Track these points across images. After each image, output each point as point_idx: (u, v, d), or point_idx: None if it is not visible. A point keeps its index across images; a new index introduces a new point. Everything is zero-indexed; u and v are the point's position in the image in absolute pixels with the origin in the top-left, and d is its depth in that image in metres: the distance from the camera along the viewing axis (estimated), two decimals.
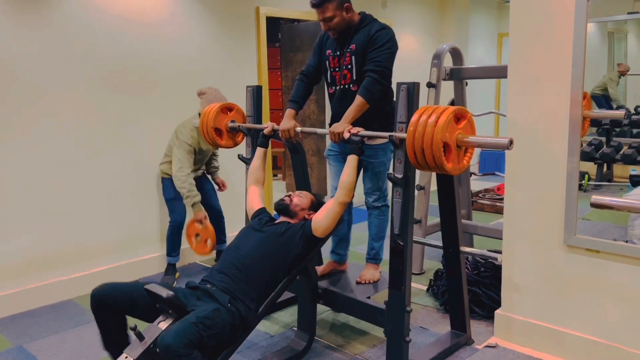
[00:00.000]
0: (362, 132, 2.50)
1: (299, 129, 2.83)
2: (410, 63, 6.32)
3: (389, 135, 2.33)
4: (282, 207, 2.64)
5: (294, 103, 2.96)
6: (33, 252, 3.46)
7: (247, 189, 2.90)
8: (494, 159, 7.27)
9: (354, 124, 2.62)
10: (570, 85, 2.47)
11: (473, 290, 3.14)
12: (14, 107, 3.30)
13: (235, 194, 4.24)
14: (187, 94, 4.09)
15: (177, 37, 4.05)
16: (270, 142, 2.98)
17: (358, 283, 3.05)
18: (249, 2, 4.52)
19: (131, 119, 3.84)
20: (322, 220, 2.48)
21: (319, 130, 2.75)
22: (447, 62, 3.80)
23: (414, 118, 2.12)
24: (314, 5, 2.76)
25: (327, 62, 2.94)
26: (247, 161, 3.09)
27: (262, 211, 2.73)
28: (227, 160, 4.21)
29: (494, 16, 7.47)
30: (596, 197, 1.99)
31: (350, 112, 2.65)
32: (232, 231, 2.89)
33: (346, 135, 2.52)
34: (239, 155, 3.14)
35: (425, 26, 6.62)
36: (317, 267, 3.18)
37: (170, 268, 3.85)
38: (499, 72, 4.00)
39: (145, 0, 3.84)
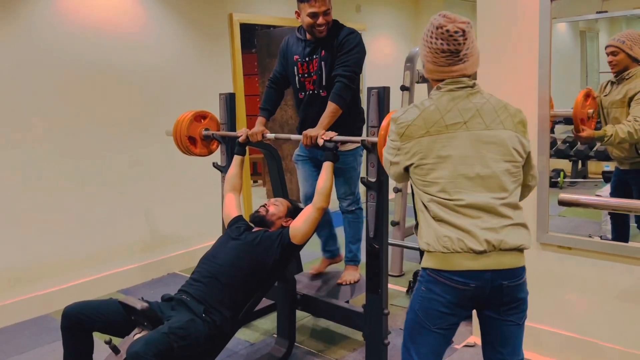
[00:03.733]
0: (336, 137, 2.52)
1: (268, 135, 2.83)
2: (385, 66, 6.37)
3: (361, 140, 2.34)
4: (258, 219, 2.63)
5: (265, 111, 2.98)
6: (6, 268, 3.40)
7: (224, 196, 2.88)
8: None
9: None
10: (538, 85, 2.51)
11: None
12: None
13: (211, 202, 4.21)
14: (162, 103, 4.07)
15: (150, 46, 4.02)
16: (248, 149, 2.97)
17: (339, 284, 3.05)
18: (223, 10, 4.52)
19: (105, 129, 3.81)
20: (300, 227, 2.48)
21: (293, 137, 2.76)
22: (421, 65, 3.83)
23: (384, 122, 2.14)
24: None
25: (295, 67, 2.91)
26: (222, 169, 3.08)
27: (239, 219, 2.72)
28: (202, 169, 4.18)
29: (468, 17, 7.55)
30: (564, 195, 2.03)
31: (324, 118, 2.65)
32: (210, 240, 2.87)
33: (320, 142, 2.53)
34: (213, 163, 3.13)
35: (400, 29, 6.67)
36: (312, 267, 3.25)
37: None
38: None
39: (118, 11, 3.81)
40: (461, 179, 1.61)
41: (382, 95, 2.32)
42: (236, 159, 2.90)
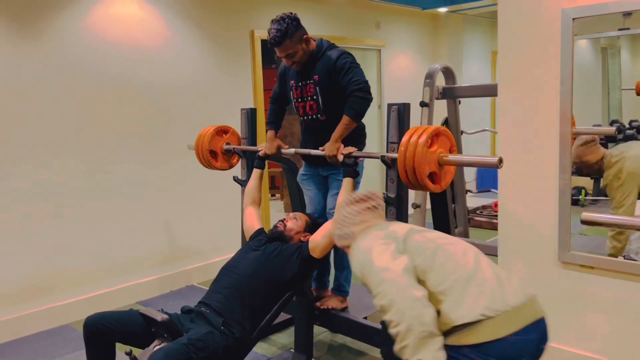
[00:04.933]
0: (355, 153, 2.53)
1: (285, 150, 2.85)
2: (404, 83, 6.40)
3: (381, 156, 2.35)
4: (277, 235, 2.64)
5: (272, 124, 3.00)
6: (28, 278, 3.46)
7: (244, 209, 2.91)
8: (491, 176, 7.28)
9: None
10: (559, 102, 2.50)
11: None
12: (8, 131, 3.34)
13: (230, 216, 4.24)
14: (184, 117, 4.13)
15: (173, 61, 4.10)
16: (266, 162, 3.00)
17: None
18: (245, 26, 4.59)
19: (127, 141, 3.88)
20: (319, 241, 2.48)
21: (314, 152, 2.76)
22: (441, 82, 3.84)
23: (404, 139, 2.14)
24: (272, 45, 2.70)
25: (290, 93, 2.90)
26: (242, 183, 3.11)
27: (260, 232, 2.73)
28: (222, 182, 4.22)
29: (487, 34, 7.56)
30: (586, 214, 2.00)
31: (338, 130, 2.63)
32: (228, 253, 2.89)
33: (340, 157, 2.53)
34: (234, 177, 3.16)
35: (419, 46, 6.70)
36: None
37: None
38: (490, 91, 4.03)
39: (143, 27, 3.90)
40: None
41: (402, 112, 2.33)
42: (255, 172, 2.93)
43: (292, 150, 2.86)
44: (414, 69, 6.53)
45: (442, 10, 6.54)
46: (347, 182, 2.51)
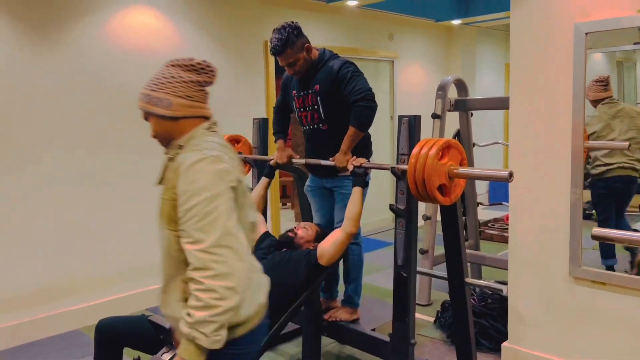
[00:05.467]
0: (366, 164, 2.53)
1: (296, 160, 2.87)
2: (416, 94, 6.40)
3: (391, 167, 2.36)
4: (287, 241, 2.66)
5: (280, 133, 3.01)
6: (39, 283, 3.49)
7: None
8: (503, 189, 7.23)
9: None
10: (572, 117, 2.49)
11: (480, 322, 3.10)
12: (27, 136, 3.39)
13: None
14: None
15: None
16: (276, 172, 3.02)
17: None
18: (258, 37, 4.64)
19: (141, 149, 3.92)
20: (327, 248, 2.49)
21: (324, 162, 2.77)
22: (453, 94, 3.84)
23: (415, 150, 2.14)
24: (274, 54, 2.72)
25: (293, 102, 2.91)
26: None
27: (266, 235, 2.75)
28: None
29: (501, 47, 7.55)
30: (597, 230, 1.98)
31: (345, 142, 2.63)
32: None
33: (350, 167, 2.54)
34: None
35: (432, 57, 6.71)
36: None
37: None
38: (502, 104, 4.02)
39: (159, 36, 3.96)
40: None
41: (412, 124, 2.33)
42: (263, 180, 2.94)
43: (303, 160, 2.87)
44: (426, 81, 6.53)
45: (456, 22, 6.55)
46: (356, 191, 2.51)
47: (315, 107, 2.80)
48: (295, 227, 2.75)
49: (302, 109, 2.88)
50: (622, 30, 2.38)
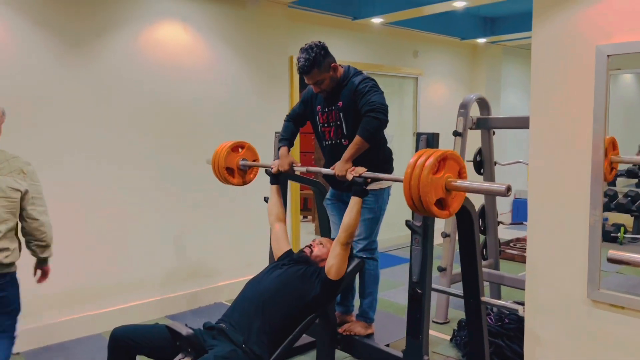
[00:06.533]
0: (367, 173, 2.51)
1: (297, 168, 2.89)
2: (440, 111, 6.41)
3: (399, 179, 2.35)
4: (303, 259, 2.69)
5: (285, 141, 3.02)
6: (64, 287, 3.60)
7: (271, 228, 2.94)
8: (525, 208, 7.14)
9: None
10: (592, 138, 2.48)
11: (496, 343, 3.08)
12: (58, 144, 3.53)
13: (259, 234, 4.31)
14: (221, 137, 4.26)
15: (212, 83, 4.26)
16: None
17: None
18: (284, 52, 4.73)
19: (166, 161, 4.02)
20: (330, 262, 2.52)
21: (324, 170, 2.77)
22: (476, 112, 3.85)
23: (409, 165, 2.05)
24: (301, 73, 2.77)
25: (317, 117, 2.96)
26: None
27: (289, 254, 2.78)
28: (251, 200, 4.28)
29: (527, 65, 7.50)
30: (613, 252, 1.97)
31: (349, 150, 2.64)
32: (257, 272, 2.92)
33: (349, 176, 2.53)
34: (264, 197, 3.23)
35: (457, 75, 6.72)
36: None
37: None
38: (524, 123, 3.99)
39: (182, 50, 4.08)
40: None
41: (430, 141, 2.36)
42: (272, 188, 2.97)
43: (304, 167, 2.90)
44: (450, 98, 6.53)
45: (481, 40, 6.56)
46: (354, 200, 2.51)
47: (339, 122, 2.85)
48: (311, 244, 2.78)
49: (325, 125, 2.93)
50: None
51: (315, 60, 2.70)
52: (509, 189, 1.94)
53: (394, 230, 5.76)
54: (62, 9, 3.48)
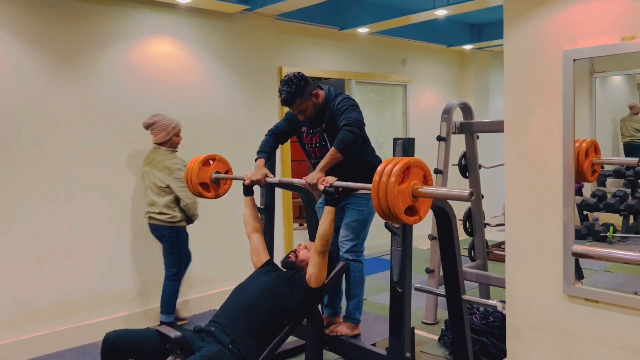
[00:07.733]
0: (337, 182, 2.59)
1: (269, 179, 2.96)
2: (429, 118, 6.49)
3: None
4: (289, 265, 2.79)
5: (263, 153, 3.09)
6: (59, 297, 3.68)
7: (249, 239, 2.99)
8: None
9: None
10: (562, 139, 2.58)
11: (481, 341, 3.16)
12: (49, 155, 3.63)
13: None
14: (212, 148, 4.35)
15: (202, 96, 4.36)
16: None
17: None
18: (273, 63, 4.83)
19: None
20: (310, 270, 2.62)
21: (296, 181, 2.86)
22: (460, 117, 3.96)
23: (375, 178, 2.09)
24: (284, 105, 2.91)
25: (303, 137, 3.10)
26: (261, 211, 3.24)
27: (268, 263, 2.88)
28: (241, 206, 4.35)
29: None
30: (577, 247, 2.06)
31: (323, 160, 2.74)
32: (240, 279, 2.97)
33: (320, 187, 2.60)
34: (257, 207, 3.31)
35: (445, 81, 6.82)
36: None
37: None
38: (502, 126, 4.11)
39: (172, 64, 4.19)
40: None
41: (406, 146, 2.45)
42: (246, 200, 3.02)
43: (277, 179, 3.00)
44: (440, 104, 6.56)
45: (468, 47, 6.67)
46: (327, 210, 2.59)
47: (323, 142, 2.99)
48: (296, 249, 2.87)
49: (310, 145, 3.07)
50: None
51: (297, 91, 2.82)
52: (471, 194, 2.00)
53: (386, 235, 5.82)
54: (52, 26, 3.59)
